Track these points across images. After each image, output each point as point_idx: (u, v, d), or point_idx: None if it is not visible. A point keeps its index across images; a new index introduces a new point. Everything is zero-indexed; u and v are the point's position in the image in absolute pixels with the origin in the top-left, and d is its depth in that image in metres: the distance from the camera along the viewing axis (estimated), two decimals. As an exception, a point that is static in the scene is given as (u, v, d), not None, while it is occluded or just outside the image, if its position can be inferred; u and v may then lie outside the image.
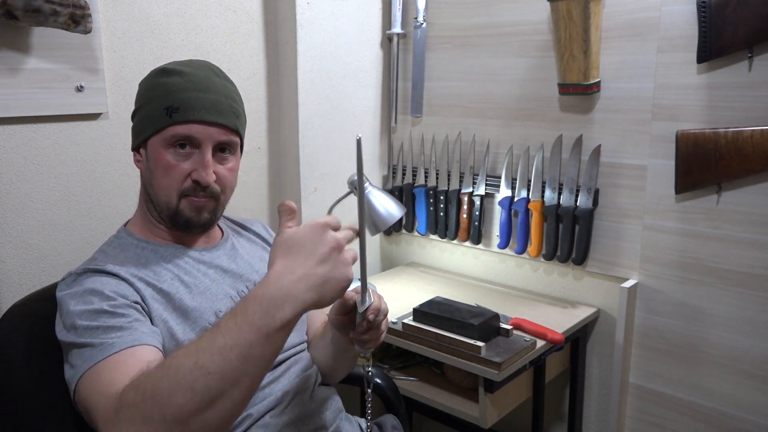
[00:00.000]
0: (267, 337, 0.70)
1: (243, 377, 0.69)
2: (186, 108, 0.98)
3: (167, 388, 0.69)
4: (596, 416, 1.71)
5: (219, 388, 0.68)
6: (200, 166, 0.99)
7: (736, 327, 1.43)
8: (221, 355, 0.69)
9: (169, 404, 0.68)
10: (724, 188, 1.40)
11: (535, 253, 1.67)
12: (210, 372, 0.68)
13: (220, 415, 0.69)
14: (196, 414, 0.68)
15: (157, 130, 0.99)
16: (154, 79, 1.03)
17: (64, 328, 0.91)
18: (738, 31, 1.31)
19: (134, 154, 1.07)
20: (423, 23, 1.85)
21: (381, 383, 1.36)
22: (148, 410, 0.70)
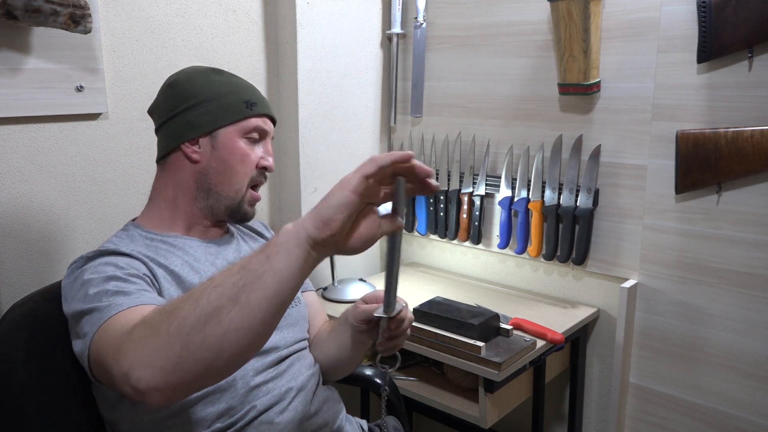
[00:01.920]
0: (267, 259, 0.69)
1: (242, 296, 0.68)
2: (261, 103, 1.09)
3: (177, 302, 0.71)
4: (596, 416, 1.71)
5: (218, 303, 0.68)
6: (267, 154, 1.10)
7: (736, 327, 1.43)
8: (229, 272, 0.70)
9: (174, 316, 0.69)
10: (724, 188, 1.40)
11: (535, 253, 1.67)
12: (215, 285, 0.69)
13: (215, 334, 0.67)
14: (196, 326, 0.67)
15: (237, 120, 1.06)
16: (211, 77, 1.09)
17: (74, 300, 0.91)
18: (738, 31, 1.31)
19: (186, 145, 1.05)
20: (423, 23, 1.85)
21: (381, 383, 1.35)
22: (156, 322, 0.71)
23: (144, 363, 0.69)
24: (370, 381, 1.35)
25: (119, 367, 0.71)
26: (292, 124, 1.73)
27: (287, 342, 1.10)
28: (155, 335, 0.70)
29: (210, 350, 0.68)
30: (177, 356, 0.68)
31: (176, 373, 0.68)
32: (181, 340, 0.68)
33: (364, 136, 1.92)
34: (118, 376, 0.71)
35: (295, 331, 1.12)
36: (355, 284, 1.73)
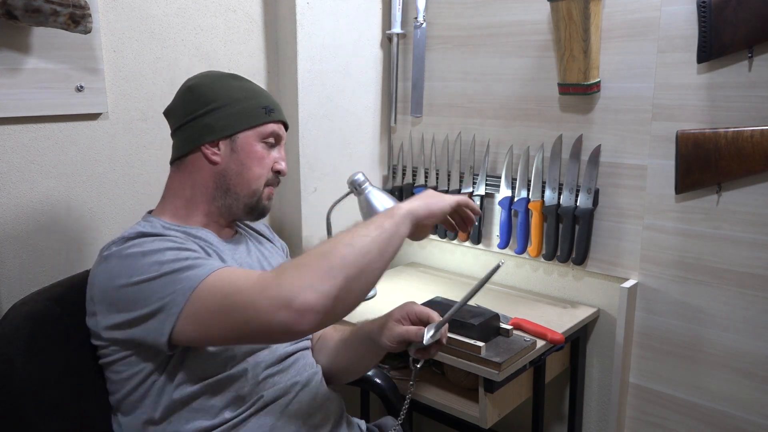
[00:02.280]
0: (393, 222, 0.92)
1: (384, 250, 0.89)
2: (278, 110, 1.15)
3: (330, 245, 0.87)
4: (596, 416, 1.71)
5: (369, 249, 0.87)
6: (281, 159, 1.15)
7: (736, 327, 1.43)
8: (369, 227, 0.90)
9: (335, 254, 0.85)
10: (724, 188, 1.40)
11: (535, 253, 1.67)
12: (362, 235, 0.89)
13: (367, 272, 0.87)
14: (355, 264, 0.85)
15: (256, 125, 1.10)
16: (229, 82, 1.12)
17: (141, 269, 0.92)
18: (738, 31, 1.31)
19: (207, 147, 1.09)
20: (423, 23, 1.85)
21: (381, 383, 1.36)
22: (312, 260, 0.85)
23: (310, 288, 0.82)
24: (370, 381, 1.36)
25: (275, 298, 0.82)
26: (292, 124, 1.72)
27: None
28: (317, 268, 0.84)
29: (360, 284, 0.87)
30: (339, 285, 0.83)
31: (336, 298, 0.83)
32: (344, 272, 0.84)
33: (364, 136, 1.92)
34: (272, 306, 0.82)
35: None
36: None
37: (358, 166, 1.88)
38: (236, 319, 0.86)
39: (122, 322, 0.93)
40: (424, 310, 1.07)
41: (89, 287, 1.00)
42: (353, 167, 1.83)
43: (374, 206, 1.60)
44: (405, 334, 1.05)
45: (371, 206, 1.61)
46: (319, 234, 1.78)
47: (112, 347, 0.98)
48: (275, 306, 0.82)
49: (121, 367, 0.98)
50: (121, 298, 0.93)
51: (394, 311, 1.10)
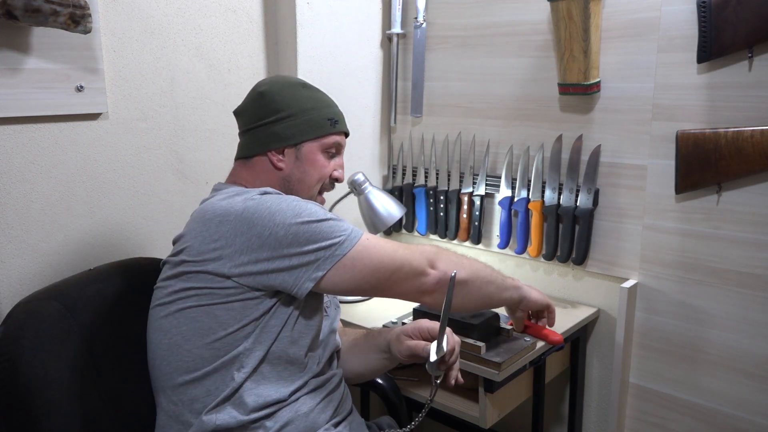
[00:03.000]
0: (503, 287, 1.24)
1: (491, 287, 1.20)
2: (342, 121, 1.22)
3: (479, 267, 1.18)
4: (596, 416, 1.71)
5: (487, 279, 1.19)
6: (340, 168, 1.24)
7: (736, 327, 1.43)
8: (499, 275, 1.23)
9: (477, 274, 1.15)
10: (724, 188, 1.40)
11: (535, 253, 1.67)
12: (492, 273, 1.21)
13: (480, 295, 1.18)
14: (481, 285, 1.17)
15: (320, 136, 1.17)
16: (299, 91, 1.19)
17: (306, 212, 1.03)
18: (738, 31, 1.31)
19: (273, 154, 1.16)
20: (423, 23, 1.85)
21: (381, 383, 1.36)
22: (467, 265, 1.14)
23: (452, 267, 1.08)
24: (371, 381, 1.35)
25: (429, 258, 1.10)
26: (292, 124, 1.72)
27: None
28: (461, 259, 1.15)
29: (471, 292, 1.15)
30: (467, 288, 1.13)
31: (460, 292, 1.10)
32: (473, 276, 1.14)
33: (364, 136, 1.92)
34: (426, 262, 1.09)
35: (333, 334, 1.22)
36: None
37: (358, 166, 1.88)
38: (394, 270, 1.06)
39: (274, 256, 1.00)
40: (435, 326, 1.10)
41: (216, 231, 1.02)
42: (353, 167, 1.83)
43: (374, 206, 1.61)
44: (414, 348, 1.09)
45: (371, 206, 1.61)
46: (319, 234, 1.78)
47: (234, 289, 1.01)
48: (429, 263, 1.08)
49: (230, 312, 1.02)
50: (284, 235, 1.00)
51: (408, 326, 1.14)
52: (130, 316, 1.12)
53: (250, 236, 1.00)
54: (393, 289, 1.08)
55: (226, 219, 1.02)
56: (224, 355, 1.02)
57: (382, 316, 1.55)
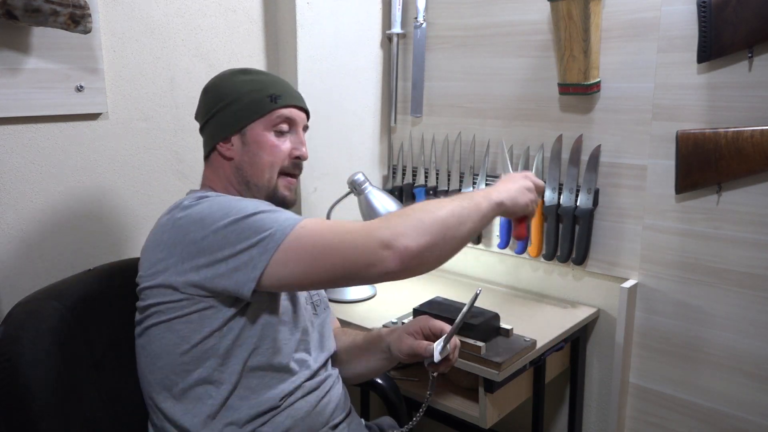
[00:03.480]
0: (488, 202, 1.03)
1: (468, 222, 0.98)
2: (286, 95, 1.14)
3: (434, 205, 0.97)
4: (596, 416, 1.71)
5: (460, 217, 0.97)
6: (299, 144, 1.16)
7: (736, 327, 1.43)
8: (468, 201, 1.01)
9: (436, 215, 0.95)
10: (724, 188, 1.40)
11: (535, 253, 1.67)
12: (461, 205, 0.99)
13: (455, 235, 0.96)
14: (450, 226, 0.95)
15: (262, 114, 1.11)
16: (238, 78, 1.14)
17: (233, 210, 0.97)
18: (738, 31, 1.31)
19: (221, 145, 1.13)
20: (423, 23, 1.85)
21: (381, 383, 1.36)
22: (416, 215, 0.94)
23: (411, 236, 0.91)
24: (371, 381, 1.35)
25: (381, 238, 0.91)
26: (292, 124, 1.73)
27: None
28: (418, 221, 0.93)
29: (448, 244, 0.96)
30: (434, 240, 0.93)
31: (427, 250, 0.92)
32: (440, 231, 0.94)
33: (364, 136, 1.92)
34: (377, 245, 0.91)
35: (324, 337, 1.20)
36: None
37: (358, 166, 1.88)
38: (339, 258, 0.93)
39: (211, 261, 0.96)
40: (437, 325, 1.09)
41: (159, 242, 1.01)
42: (353, 167, 1.83)
43: (374, 206, 1.61)
44: (416, 348, 1.08)
45: (371, 206, 1.61)
46: (319, 234, 1.78)
47: (186, 301, 0.99)
48: (380, 245, 0.91)
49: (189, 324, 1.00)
50: (214, 239, 0.96)
51: (410, 324, 1.12)
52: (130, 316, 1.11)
53: (186, 244, 0.97)
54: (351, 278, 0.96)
55: (165, 229, 1.01)
56: (194, 370, 1.00)
57: (383, 316, 1.55)
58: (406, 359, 1.12)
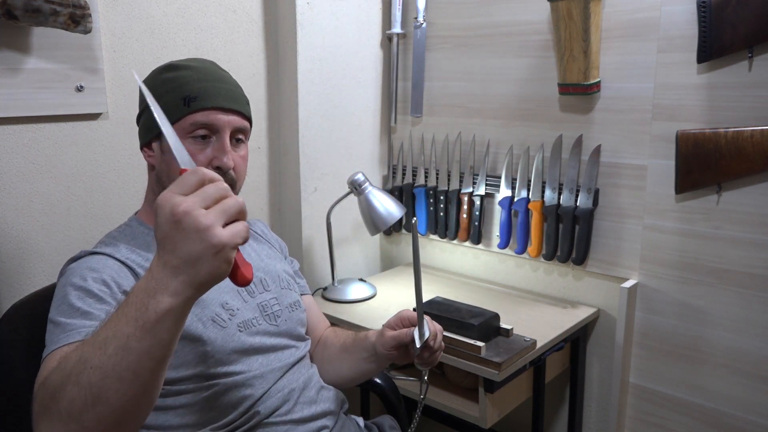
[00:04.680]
0: (144, 329, 0.64)
1: (125, 372, 0.65)
2: (204, 96, 1.00)
3: (59, 380, 0.67)
4: (596, 416, 1.71)
5: (101, 383, 0.65)
6: (220, 152, 1.00)
7: (736, 327, 1.43)
8: (101, 348, 0.65)
9: (61, 398, 0.66)
10: (724, 188, 1.40)
11: (535, 253, 1.67)
12: (92, 366, 0.65)
13: (112, 411, 0.65)
14: (85, 409, 0.65)
15: (175, 120, 0.99)
16: (162, 75, 1.04)
17: (56, 300, 0.92)
18: (738, 31, 1.31)
19: (144, 151, 1.06)
20: (423, 23, 1.85)
21: (381, 383, 1.36)
22: (47, 403, 0.68)
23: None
24: (370, 381, 1.35)
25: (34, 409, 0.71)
26: (292, 124, 1.73)
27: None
28: (49, 416, 0.67)
29: (108, 422, 0.66)
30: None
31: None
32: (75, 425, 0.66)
33: (364, 136, 1.92)
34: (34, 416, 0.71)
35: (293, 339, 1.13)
36: (355, 284, 1.74)
37: (358, 166, 1.88)
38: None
39: None
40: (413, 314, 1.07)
41: None
42: (353, 167, 1.83)
43: (374, 206, 1.61)
44: (398, 336, 1.06)
45: (371, 206, 1.61)
46: (319, 234, 1.78)
47: None
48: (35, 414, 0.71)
49: None
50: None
51: (390, 319, 1.10)
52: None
53: None
54: None
55: None
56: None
57: (383, 316, 1.55)
58: (392, 353, 1.08)
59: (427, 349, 1.05)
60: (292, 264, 1.29)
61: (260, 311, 1.07)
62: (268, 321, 1.08)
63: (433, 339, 1.05)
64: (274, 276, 1.15)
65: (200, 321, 0.98)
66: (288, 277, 1.19)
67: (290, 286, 1.17)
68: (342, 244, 1.87)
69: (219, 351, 0.98)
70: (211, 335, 0.98)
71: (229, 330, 1.00)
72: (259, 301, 1.08)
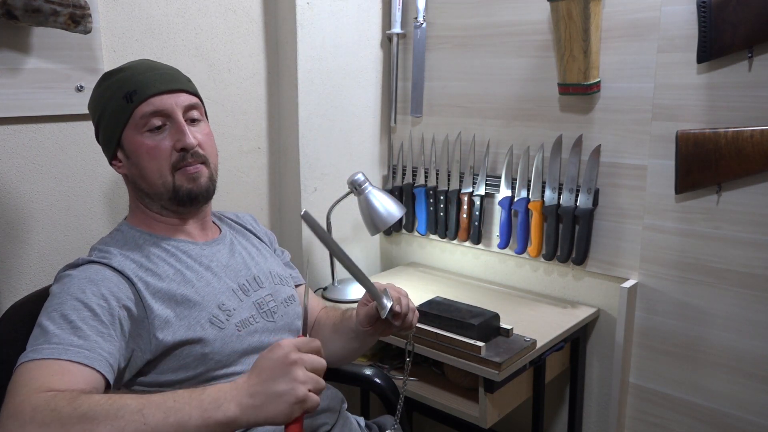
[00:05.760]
0: (205, 422, 0.73)
1: None
2: (143, 87, 1.01)
3: (102, 413, 0.72)
4: (596, 416, 1.71)
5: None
6: (179, 133, 1.01)
7: (736, 327, 1.43)
8: (164, 413, 0.73)
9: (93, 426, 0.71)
10: (724, 188, 1.40)
11: (535, 253, 1.67)
12: (146, 422, 0.72)
13: None
14: None
15: (125, 120, 1.01)
16: (101, 86, 1.06)
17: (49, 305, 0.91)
18: (738, 31, 1.31)
19: (114, 164, 1.07)
20: (423, 23, 1.85)
21: (381, 383, 1.35)
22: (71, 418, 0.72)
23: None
24: (370, 381, 1.35)
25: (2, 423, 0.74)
26: (292, 124, 1.73)
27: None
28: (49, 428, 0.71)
29: None
30: None
31: None
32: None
33: (364, 136, 1.92)
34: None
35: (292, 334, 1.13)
36: (355, 284, 1.73)
37: (358, 166, 1.88)
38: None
39: None
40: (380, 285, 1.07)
41: None
42: (353, 167, 1.83)
43: (374, 206, 1.61)
44: (369, 312, 1.06)
45: (371, 206, 1.61)
46: (319, 234, 1.78)
47: None
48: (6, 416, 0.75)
49: None
50: None
51: (362, 297, 1.10)
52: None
53: None
54: None
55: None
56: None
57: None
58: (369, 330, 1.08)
59: (397, 317, 1.04)
60: (283, 255, 1.29)
61: (257, 309, 1.07)
62: (265, 318, 1.08)
63: (398, 304, 1.04)
64: (266, 273, 1.15)
65: (198, 323, 0.98)
66: (280, 272, 1.20)
67: (283, 281, 1.18)
68: (342, 244, 1.86)
69: (218, 353, 0.99)
70: (210, 337, 0.98)
71: (228, 331, 1.01)
72: (255, 299, 1.08)
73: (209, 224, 1.15)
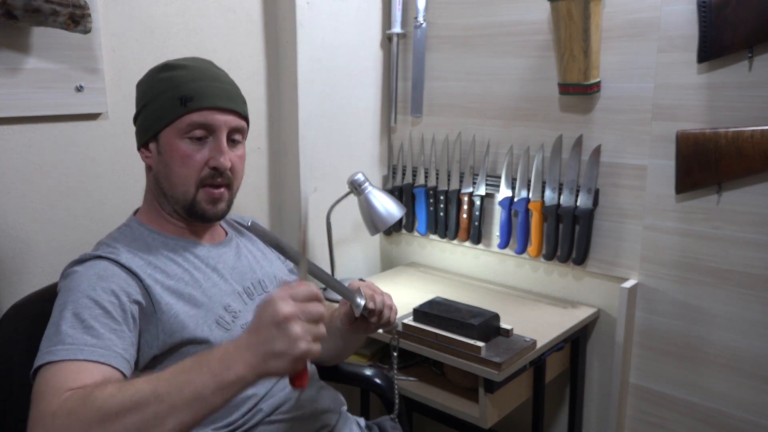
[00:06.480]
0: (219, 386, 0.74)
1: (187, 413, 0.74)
2: (200, 96, 1.00)
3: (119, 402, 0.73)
4: (596, 416, 1.71)
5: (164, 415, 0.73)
6: (217, 152, 1.01)
7: (736, 327, 1.43)
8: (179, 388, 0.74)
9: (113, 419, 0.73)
10: (724, 188, 1.40)
11: (535, 254, 1.67)
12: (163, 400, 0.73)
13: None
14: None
15: (171, 120, 1.00)
16: (158, 75, 1.04)
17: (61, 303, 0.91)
18: (738, 31, 1.31)
19: (142, 151, 1.06)
20: (423, 23, 1.85)
21: (381, 383, 1.36)
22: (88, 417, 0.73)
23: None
24: (370, 381, 1.36)
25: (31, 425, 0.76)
26: (292, 124, 1.73)
27: None
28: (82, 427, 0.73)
29: None
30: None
31: None
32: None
33: (364, 136, 1.92)
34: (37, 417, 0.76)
35: None
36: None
37: (358, 166, 1.88)
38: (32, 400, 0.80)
39: None
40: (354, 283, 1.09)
41: None
42: (353, 167, 1.83)
43: (374, 206, 1.61)
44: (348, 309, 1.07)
45: (371, 206, 1.61)
46: (320, 234, 1.78)
47: None
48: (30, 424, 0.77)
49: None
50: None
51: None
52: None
53: None
54: None
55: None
56: None
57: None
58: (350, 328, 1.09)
59: (371, 314, 1.05)
60: (286, 262, 1.29)
61: None
62: None
63: (372, 301, 1.04)
64: (271, 277, 1.16)
65: (205, 323, 0.99)
66: (285, 277, 1.20)
67: None
68: (342, 244, 1.88)
69: None
70: (216, 338, 0.98)
71: (233, 332, 1.01)
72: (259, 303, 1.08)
73: (216, 227, 1.16)
